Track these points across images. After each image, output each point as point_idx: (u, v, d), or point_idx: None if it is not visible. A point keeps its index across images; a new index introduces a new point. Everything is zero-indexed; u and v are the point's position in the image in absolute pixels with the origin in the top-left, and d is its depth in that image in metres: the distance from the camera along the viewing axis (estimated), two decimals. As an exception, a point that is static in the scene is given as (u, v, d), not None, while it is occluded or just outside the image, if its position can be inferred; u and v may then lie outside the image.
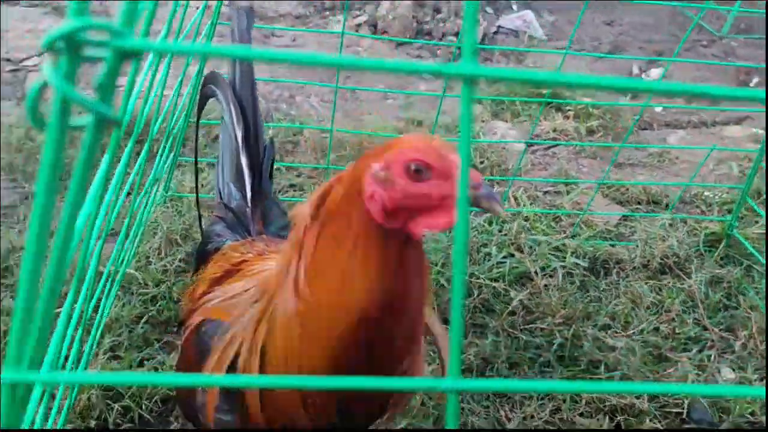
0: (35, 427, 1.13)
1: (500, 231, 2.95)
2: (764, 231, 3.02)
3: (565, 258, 2.81)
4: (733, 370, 2.44)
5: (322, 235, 1.10)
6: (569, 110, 4.12)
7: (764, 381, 2.37)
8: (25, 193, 3.07)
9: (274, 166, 3.39)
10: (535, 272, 2.68)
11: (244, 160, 1.91)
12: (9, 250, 2.68)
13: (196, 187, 2.08)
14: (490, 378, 2.30)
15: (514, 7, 5.84)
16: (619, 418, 2.15)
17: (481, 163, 3.51)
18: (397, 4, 5.09)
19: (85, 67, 0.46)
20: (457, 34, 5.14)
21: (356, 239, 1.08)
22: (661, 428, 2.15)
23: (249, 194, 1.90)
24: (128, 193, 2.26)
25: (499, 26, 5.41)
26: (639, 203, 3.34)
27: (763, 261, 2.79)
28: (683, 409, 2.22)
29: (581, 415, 2.17)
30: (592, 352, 2.37)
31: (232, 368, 1.21)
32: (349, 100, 4.37)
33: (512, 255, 2.83)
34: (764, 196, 3.24)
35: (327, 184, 1.14)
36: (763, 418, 2.22)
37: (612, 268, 2.84)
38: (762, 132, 4.23)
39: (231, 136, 1.92)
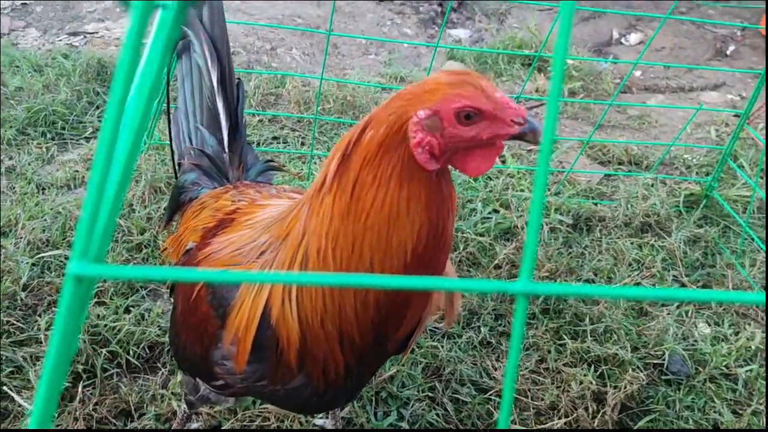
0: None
1: (485, 187, 2.96)
2: (742, 193, 3.09)
3: (549, 215, 2.84)
4: (709, 324, 2.51)
5: (360, 180, 1.09)
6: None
7: (738, 335, 2.45)
8: (-1, 138, 2.97)
9: (257, 117, 3.34)
10: (521, 227, 2.70)
11: (220, 104, 1.81)
12: (-15, 195, 2.60)
13: (170, 135, 1.98)
14: (475, 327, 2.33)
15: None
16: (602, 368, 2.20)
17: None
18: (379, -41, 4.99)
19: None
20: (439, -8, 5.08)
21: (400, 181, 1.08)
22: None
23: (226, 139, 1.82)
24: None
25: (481, -15, 5.35)
26: (620, 164, 3.38)
27: (741, 221, 2.86)
28: (663, 360, 2.29)
29: (566, 365, 2.21)
30: (577, 305, 2.41)
31: (263, 319, 1.19)
32: (330, 54, 4.30)
33: (497, 211, 2.85)
34: (740, 160, 3.30)
35: (354, 131, 1.12)
36: (738, 371, 2.30)
37: (595, 225, 2.88)
38: (737, 98, 4.31)
39: (203, 78, 1.81)
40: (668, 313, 2.48)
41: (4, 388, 1.90)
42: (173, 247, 1.71)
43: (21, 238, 2.40)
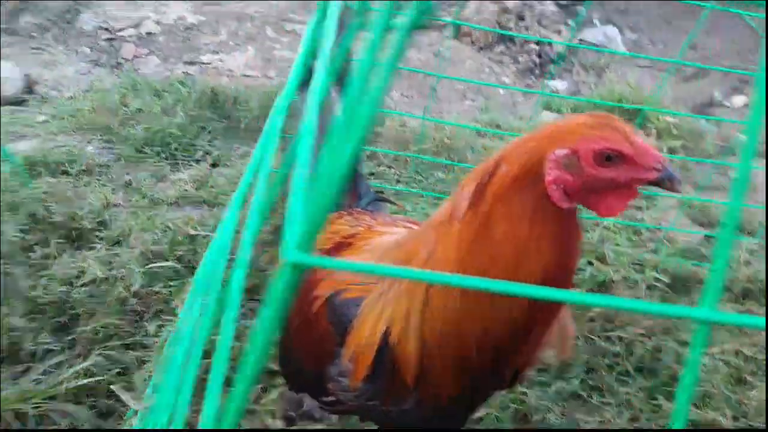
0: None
1: (581, 238, 2.93)
2: None
3: (644, 271, 2.78)
4: (815, 401, 2.38)
5: (492, 213, 1.11)
6: (652, 128, 4.07)
7: None
8: (119, 154, 3.18)
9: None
10: (617, 282, 2.65)
11: None
12: (104, 205, 2.78)
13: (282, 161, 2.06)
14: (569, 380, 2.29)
15: (596, 22, 5.80)
16: (699, 433, 2.12)
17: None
18: (482, 8, 5.10)
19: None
20: (538, 42, 5.13)
21: (532, 218, 1.09)
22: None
23: None
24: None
25: (581, 39, 5.38)
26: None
27: None
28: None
29: (660, 427, 2.14)
30: (673, 366, 2.34)
31: (383, 338, 1.22)
32: (428, 97, 4.40)
33: (591, 263, 2.81)
34: None
35: (487, 166, 1.14)
36: None
37: (693, 286, 2.79)
38: None
39: (330, 107, 1.86)
40: (771, 385, 2.36)
41: (112, 386, 2.00)
42: None
43: (134, 248, 2.54)
